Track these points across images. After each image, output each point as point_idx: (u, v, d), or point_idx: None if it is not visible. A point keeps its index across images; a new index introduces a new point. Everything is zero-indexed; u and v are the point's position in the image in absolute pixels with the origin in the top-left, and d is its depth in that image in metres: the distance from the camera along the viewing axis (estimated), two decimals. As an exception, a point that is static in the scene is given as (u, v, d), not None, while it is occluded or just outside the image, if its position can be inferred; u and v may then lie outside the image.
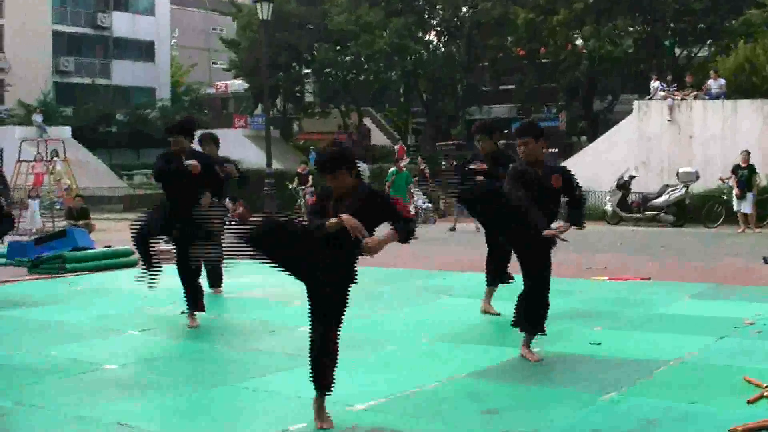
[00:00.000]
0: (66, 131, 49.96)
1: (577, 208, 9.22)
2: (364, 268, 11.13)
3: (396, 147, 50.07)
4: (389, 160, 44.49)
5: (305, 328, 10.98)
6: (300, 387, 8.35)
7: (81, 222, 26.55)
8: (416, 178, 33.82)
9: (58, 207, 31.53)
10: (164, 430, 6.53)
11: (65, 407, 7.93)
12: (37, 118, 49.73)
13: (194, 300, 11.54)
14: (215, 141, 13.88)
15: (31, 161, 33.99)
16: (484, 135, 11.49)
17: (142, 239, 11.51)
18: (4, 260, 19.73)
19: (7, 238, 22.90)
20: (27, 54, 62.79)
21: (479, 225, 26.48)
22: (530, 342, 9.49)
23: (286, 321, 11.68)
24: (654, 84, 37.37)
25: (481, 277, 12.07)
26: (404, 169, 29.51)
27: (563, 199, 9.22)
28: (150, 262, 11.58)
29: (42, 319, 12.40)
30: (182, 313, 11.75)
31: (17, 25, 63.53)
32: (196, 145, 12.50)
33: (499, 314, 11.52)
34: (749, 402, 7.56)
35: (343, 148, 6.92)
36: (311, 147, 50.45)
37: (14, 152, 33.62)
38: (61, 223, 28.21)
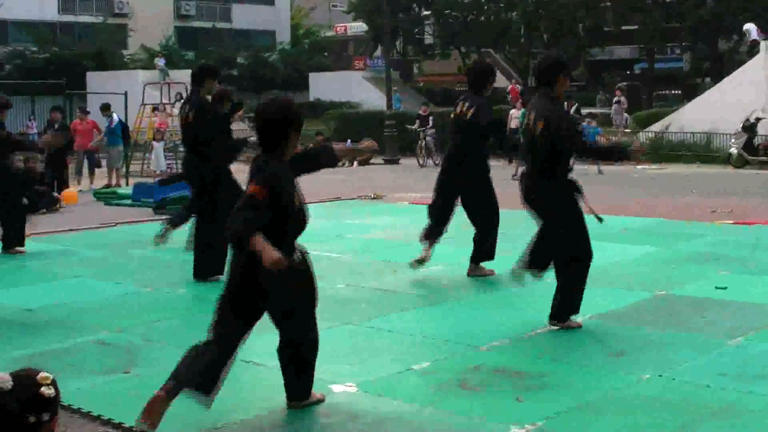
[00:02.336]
0: (188, 75, 50.48)
1: None
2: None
3: (508, 87, 49.47)
4: (506, 102, 44.07)
5: (427, 269, 11.07)
6: (423, 326, 8.39)
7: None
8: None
9: (181, 149, 31.90)
10: (288, 367, 6.60)
11: (192, 344, 8.07)
12: (160, 62, 50.30)
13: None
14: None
15: (156, 104, 34.49)
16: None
17: None
18: (129, 201, 20.13)
19: (133, 181, 23.37)
20: (149, -1, 63.61)
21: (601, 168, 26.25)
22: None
23: (408, 261, 11.68)
24: (746, 27, 36.80)
25: (611, 219, 11.86)
26: None
27: None
28: None
29: (167, 259, 12.63)
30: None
31: (139, -30, 64.31)
32: None
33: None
34: None
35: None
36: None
37: (138, 96, 34.09)
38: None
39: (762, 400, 6.32)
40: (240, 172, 9.33)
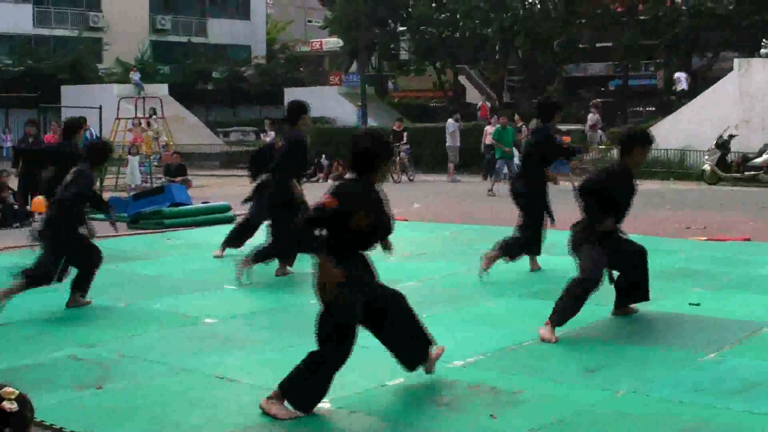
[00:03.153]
0: (163, 89, 50.42)
1: None
2: (461, 225, 11.09)
3: (479, 105, 49.54)
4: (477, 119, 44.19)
5: (405, 285, 11.04)
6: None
7: (178, 178, 26.83)
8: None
9: (155, 164, 31.90)
10: (261, 383, 6.58)
11: (166, 359, 8.03)
12: (135, 76, 50.22)
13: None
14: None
15: (130, 118, 34.44)
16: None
17: None
18: (103, 215, 19.99)
19: (107, 194, 23.20)
20: (124, 13, 63.34)
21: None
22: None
23: (385, 276, 11.64)
24: (676, 75, 38.28)
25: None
26: (507, 125, 28.49)
27: None
28: None
29: (142, 273, 12.60)
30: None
31: (114, -16, 64.19)
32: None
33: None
34: None
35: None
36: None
37: (113, 110, 34.07)
38: (159, 180, 28.59)
39: (736, 415, 6.33)
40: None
